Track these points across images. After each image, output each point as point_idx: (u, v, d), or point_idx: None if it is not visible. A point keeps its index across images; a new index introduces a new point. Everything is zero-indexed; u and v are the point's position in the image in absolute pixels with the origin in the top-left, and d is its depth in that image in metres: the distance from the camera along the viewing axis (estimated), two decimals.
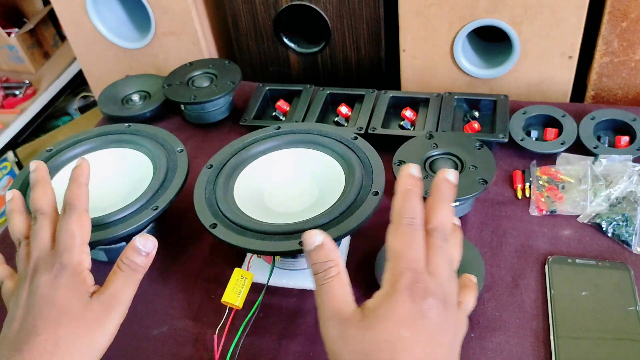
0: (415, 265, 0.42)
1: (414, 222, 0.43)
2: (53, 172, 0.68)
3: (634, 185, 0.67)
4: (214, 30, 1.11)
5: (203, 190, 0.62)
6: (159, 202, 0.63)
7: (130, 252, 0.50)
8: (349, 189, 0.59)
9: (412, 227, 0.43)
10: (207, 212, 0.59)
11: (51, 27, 1.67)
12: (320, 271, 0.44)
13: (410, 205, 0.44)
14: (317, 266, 0.44)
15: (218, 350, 0.54)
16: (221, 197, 0.60)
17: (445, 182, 0.46)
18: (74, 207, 0.51)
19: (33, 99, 1.58)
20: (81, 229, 0.50)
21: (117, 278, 0.49)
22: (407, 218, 0.44)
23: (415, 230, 0.43)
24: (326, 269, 0.43)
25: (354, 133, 0.66)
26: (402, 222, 0.44)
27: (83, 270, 0.49)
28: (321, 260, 0.44)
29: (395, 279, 0.41)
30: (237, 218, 0.58)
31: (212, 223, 0.57)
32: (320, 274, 0.44)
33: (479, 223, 0.68)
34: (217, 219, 0.58)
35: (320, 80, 1.07)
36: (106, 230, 0.60)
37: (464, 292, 0.47)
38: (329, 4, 0.96)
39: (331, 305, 0.42)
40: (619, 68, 0.86)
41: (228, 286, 0.54)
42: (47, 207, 0.53)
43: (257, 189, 0.65)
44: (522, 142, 0.75)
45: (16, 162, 1.57)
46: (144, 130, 0.74)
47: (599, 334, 0.54)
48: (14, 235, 0.54)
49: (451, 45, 0.90)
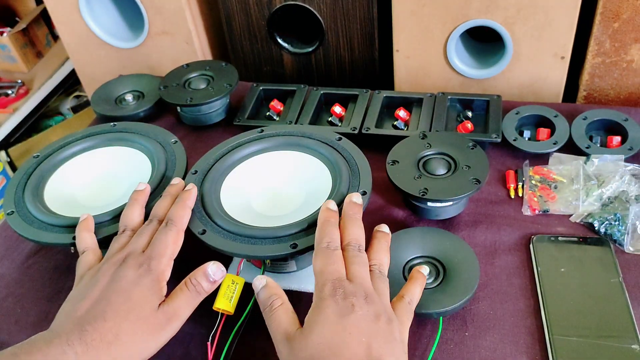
0: (334, 276, 0.49)
1: (330, 244, 0.51)
2: (43, 177, 0.68)
3: (625, 184, 0.68)
4: (208, 30, 1.11)
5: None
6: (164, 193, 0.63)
7: (199, 275, 0.53)
8: (337, 190, 0.59)
9: (329, 249, 0.51)
10: (195, 219, 0.59)
11: (44, 26, 1.66)
12: (267, 305, 0.50)
13: (327, 232, 0.52)
14: (264, 302, 0.50)
15: (211, 353, 0.54)
16: (209, 202, 0.60)
17: (351, 204, 0.55)
18: (175, 225, 0.56)
19: (25, 99, 1.57)
20: (174, 245, 0.55)
21: (182, 295, 0.52)
22: (325, 242, 0.51)
23: (332, 250, 0.51)
24: (271, 302, 0.50)
25: (337, 134, 0.66)
26: (321, 246, 0.51)
27: (163, 280, 0.53)
28: (266, 296, 0.50)
29: (320, 291, 0.48)
30: (226, 223, 0.58)
31: (201, 229, 0.57)
32: (267, 308, 0.50)
33: (472, 222, 0.68)
34: (206, 225, 0.58)
35: (314, 80, 1.07)
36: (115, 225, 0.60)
37: (408, 285, 0.54)
38: (323, 4, 0.96)
39: (280, 329, 0.48)
40: (611, 68, 0.87)
41: (219, 292, 0.54)
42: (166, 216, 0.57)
43: (244, 193, 0.64)
44: (515, 142, 0.76)
45: (8, 161, 1.56)
46: (132, 127, 0.74)
47: (587, 307, 0.57)
48: (124, 221, 0.58)
49: (444, 46, 0.90)
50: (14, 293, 0.67)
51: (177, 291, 0.52)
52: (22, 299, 0.66)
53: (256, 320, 0.60)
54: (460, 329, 0.57)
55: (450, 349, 0.56)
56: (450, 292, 0.57)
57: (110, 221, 0.61)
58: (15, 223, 0.62)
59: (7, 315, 0.64)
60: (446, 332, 0.57)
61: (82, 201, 0.68)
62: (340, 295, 0.47)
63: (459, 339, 0.56)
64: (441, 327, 0.56)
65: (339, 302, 0.47)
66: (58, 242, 0.60)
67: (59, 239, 0.60)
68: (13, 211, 0.64)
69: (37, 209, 0.63)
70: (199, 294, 0.53)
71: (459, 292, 0.56)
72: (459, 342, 0.56)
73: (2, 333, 0.62)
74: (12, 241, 0.73)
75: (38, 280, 0.68)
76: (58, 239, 0.60)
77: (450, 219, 0.68)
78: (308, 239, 0.55)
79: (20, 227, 0.62)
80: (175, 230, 0.55)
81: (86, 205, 0.67)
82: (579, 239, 0.64)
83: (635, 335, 0.54)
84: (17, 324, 0.63)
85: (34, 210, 0.63)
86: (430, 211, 0.67)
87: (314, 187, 0.63)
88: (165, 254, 0.54)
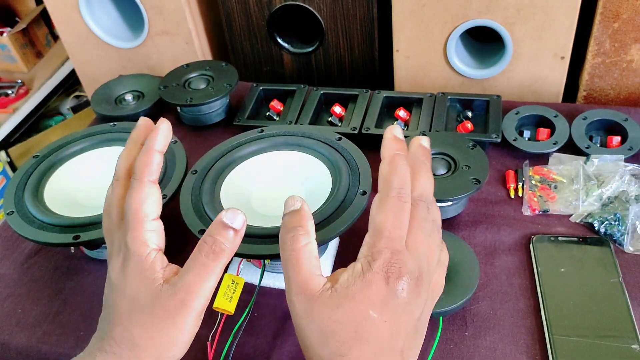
0: (395, 244, 0.39)
1: (402, 192, 0.40)
2: (43, 177, 0.68)
3: (625, 185, 0.68)
4: (208, 30, 1.11)
5: (189, 196, 0.61)
6: (165, 191, 0.63)
7: (214, 229, 0.42)
8: (337, 190, 0.59)
9: (400, 199, 0.40)
10: (194, 218, 0.59)
11: (44, 26, 1.66)
12: (287, 239, 0.40)
13: (399, 174, 0.41)
14: (286, 233, 0.40)
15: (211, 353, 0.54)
16: (208, 202, 0.60)
17: (421, 148, 0.45)
18: (136, 178, 0.44)
19: (25, 99, 1.57)
20: (144, 204, 0.43)
21: (194, 265, 0.41)
22: (395, 189, 0.40)
23: (403, 202, 0.40)
24: (294, 235, 0.40)
25: (337, 134, 0.66)
26: (390, 193, 0.40)
27: (149, 254, 0.42)
28: (291, 225, 0.40)
29: (372, 257, 0.39)
30: None
31: (200, 229, 0.57)
32: (287, 243, 0.40)
33: (472, 222, 0.68)
34: (206, 224, 0.58)
35: (314, 80, 1.07)
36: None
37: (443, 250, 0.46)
38: (323, 4, 0.96)
39: (299, 279, 0.39)
40: (611, 69, 0.87)
41: (219, 292, 0.54)
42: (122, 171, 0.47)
43: (244, 193, 0.64)
44: (515, 142, 0.76)
45: (8, 162, 1.56)
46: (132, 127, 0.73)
47: (587, 307, 0.57)
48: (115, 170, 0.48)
49: (444, 46, 0.90)
50: (14, 293, 0.67)
51: (188, 261, 0.42)
52: (23, 299, 0.66)
53: (256, 320, 0.60)
54: (460, 329, 0.57)
55: (450, 349, 0.56)
56: (450, 292, 0.57)
57: None
58: (15, 223, 0.62)
59: (8, 315, 0.64)
60: (446, 332, 0.57)
61: (82, 201, 0.68)
62: (394, 273, 0.38)
63: (459, 339, 0.56)
64: (441, 327, 0.56)
65: (390, 281, 0.38)
66: (58, 242, 0.60)
67: (59, 239, 0.60)
68: (13, 211, 0.64)
69: (37, 209, 0.63)
70: (218, 254, 0.41)
71: (459, 292, 0.56)
72: (459, 342, 0.56)
73: (3, 333, 0.62)
74: (12, 241, 0.73)
75: (38, 281, 0.68)
76: (58, 239, 0.60)
77: (450, 219, 0.68)
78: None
79: (20, 227, 0.62)
80: (138, 185, 0.44)
81: (86, 205, 0.67)
82: (579, 239, 0.64)
83: (635, 335, 0.54)
84: (18, 324, 0.63)
85: (34, 210, 0.63)
86: None
87: (313, 187, 0.63)
88: (138, 220, 0.43)
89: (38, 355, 0.61)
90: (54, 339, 0.61)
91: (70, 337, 0.61)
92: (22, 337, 0.62)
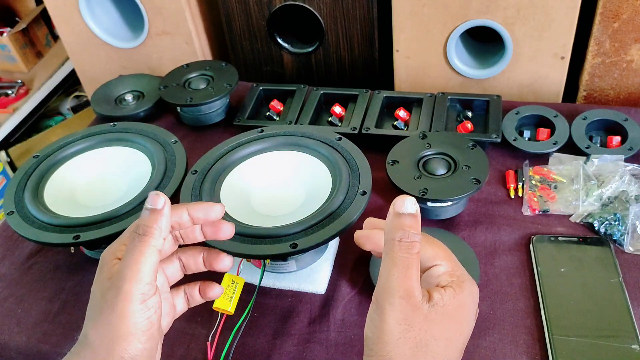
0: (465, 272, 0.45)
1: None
2: (43, 177, 0.68)
3: (625, 185, 0.68)
4: (208, 30, 1.11)
5: (189, 196, 0.61)
6: (166, 191, 0.63)
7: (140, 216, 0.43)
8: (337, 190, 0.59)
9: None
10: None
11: (44, 26, 1.66)
12: (405, 241, 0.40)
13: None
14: (405, 233, 0.41)
15: (211, 353, 0.54)
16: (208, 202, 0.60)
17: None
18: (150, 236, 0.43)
19: (25, 99, 1.57)
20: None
21: (126, 252, 0.42)
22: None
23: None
24: (412, 241, 0.41)
25: (337, 134, 0.66)
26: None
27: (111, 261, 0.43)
28: (412, 231, 0.41)
29: (460, 281, 0.43)
30: None
31: None
32: (404, 245, 0.40)
33: (473, 222, 0.68)
34: None
35: (313, 80, 1.07)
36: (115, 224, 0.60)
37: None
38: (323, 4, 0.96)
39: (405, 285, 0.40)
40: (611, 69, 0.87)
41: None
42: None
43: (244, 193, 0.64)
44: (515, 142, 0.76)
45: (8, 162, 1.56)
46: (132, 127, 0.74)
47: (587, 307, 0.57)
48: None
49: (444, 46, 0.90)
50: (15, 293, 0.67)
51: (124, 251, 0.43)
52: (23, 299, 0.66)
53: (256, 320, 0.60)
54: None
55: None
56: None
57: (110, 221, 0.61)
58: (15, 223, 0.62)
59: (8, 315, 0.64)
60: None
61: (82, 201, 0.68)
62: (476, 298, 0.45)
63: None
64: None
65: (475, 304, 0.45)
66: (58, 242, 0.60)
67: (59, 239, 0.60)
68: (13, 211, 0.64)
69: (37, 209, 0.63)
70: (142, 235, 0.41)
71: None
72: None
73: (3, 333, 0.62)
74: (12, 241, 0.73)
75: (38, 281, 0.68)
76: (58, 239, 0.60)
77: (450, 219, 0.68)
78: (308, 239, 0.55)
79: (20, 227, 0.62)
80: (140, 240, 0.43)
81: (86, 205, 0.67)
82: (579, 239, 0.64)
83: (635, 335, 0.54)
84: (18, 324, 0.63)
85: (34, 210, 0.63)
86: (430, 211, 0.67)
87: (314, 187, 0.63)
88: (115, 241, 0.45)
89: (38, 355, 0.61)
90: (54, 339, 0.61)
91: (70, 337, 0.61)
92: (22, 337, 0.62)
